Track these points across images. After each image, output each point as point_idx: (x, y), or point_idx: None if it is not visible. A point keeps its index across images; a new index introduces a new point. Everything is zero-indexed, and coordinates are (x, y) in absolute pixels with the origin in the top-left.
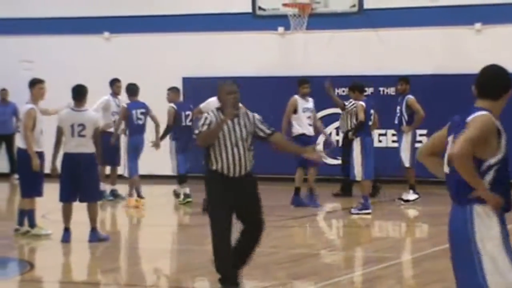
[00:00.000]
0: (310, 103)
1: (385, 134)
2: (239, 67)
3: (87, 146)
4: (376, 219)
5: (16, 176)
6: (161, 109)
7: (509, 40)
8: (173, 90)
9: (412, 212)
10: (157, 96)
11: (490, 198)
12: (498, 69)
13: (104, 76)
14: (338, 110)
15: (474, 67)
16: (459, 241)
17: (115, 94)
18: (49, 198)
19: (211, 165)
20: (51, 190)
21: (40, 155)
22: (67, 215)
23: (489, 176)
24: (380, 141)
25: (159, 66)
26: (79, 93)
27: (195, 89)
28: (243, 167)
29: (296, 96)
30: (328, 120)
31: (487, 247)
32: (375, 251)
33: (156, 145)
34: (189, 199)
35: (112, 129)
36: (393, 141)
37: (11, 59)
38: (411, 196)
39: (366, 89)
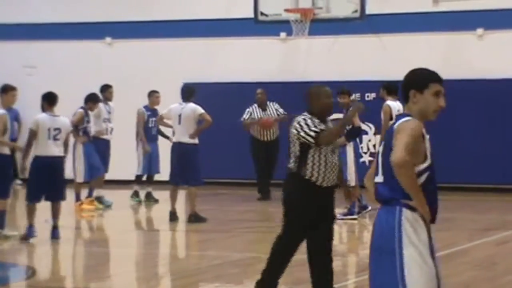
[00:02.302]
0: None
1: None
2: (241, 72)
3: (60, 149)
4: None
5: (19, 181)
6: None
7: (511, 45)
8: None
9: None
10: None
11: (425, 212)
12: (412, 70)
13: (106, 82)
14: (339, 116)
15: (476, 73)
16: (384, 243)
17: (106, 100)
18: (49, 204)
19: (304, 173)
20: None
21: (7, 157)
22: (31, 213)
23: (419, 183)
24: None
25: (161, 71)
26: (53, 99)
27: (197, 94)
28: (335, 175)
29: None
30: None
31: (412, 252)
32: None
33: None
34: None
35: (105, 136)
36: None
37: (13, 64)
38: None
39: (369, 94)
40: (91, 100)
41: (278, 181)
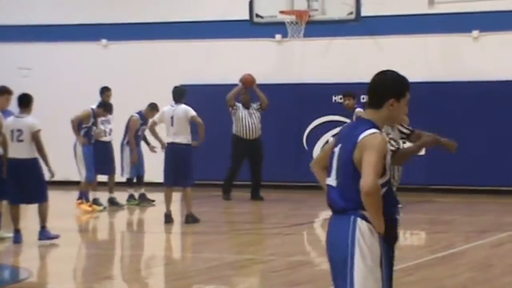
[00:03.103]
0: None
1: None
2: (237, 74)
3: (26, 151)
4: None
5: None
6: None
7: (506, 47)
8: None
9: (410, 219)
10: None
11: (382, 231)
12: (389, 77)
13: (101, 83)
14: (334, 118)
15: (471, 75)
16: (336, 254)
17: (104, 102)
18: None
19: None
20: (49, 198)
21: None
22: (15, 217)
23: None
24: None
25: (157, 73)
26: (21, 101)
27: (192, 96)
28: None
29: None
30: (324, 128)
31: (364, 263)
32: None
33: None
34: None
35: (106, 138)
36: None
37: (8, 66)
38: None
39: (364, 96)
40: (104, 108)
41: (270, 183)
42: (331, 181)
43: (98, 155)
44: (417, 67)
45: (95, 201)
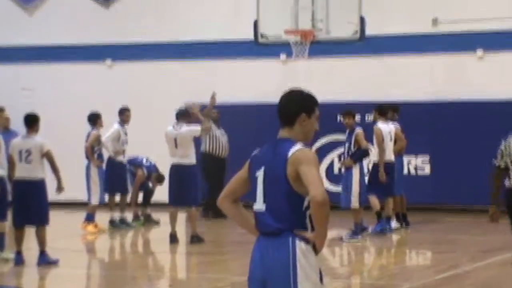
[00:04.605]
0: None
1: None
2: (242, 94)
3: (34, 172)
4: (379, 246)
5: None
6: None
7: (510, 67)
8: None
9: (415, 239)
10: (158, 123)
11: (322, 246)
12: (297, 94)
13: (106, 104)
14: (339, 137)
15: (476, 94)
16: (277, 277)
17: (124, 122)
18: (52, 226)
19: None
20: (54, 218)
21: (2, 179)
22: (19, 238)
23: (309, 211)
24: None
25: (162, 93)
26: (28, 121)
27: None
28: None
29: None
30: (328, 147)
31: (310, 281)
32: (378, 279)
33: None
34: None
35: (122, 158)
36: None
37: (11, 87)
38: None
39: (369, 115)
40: (96, 121)
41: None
42: (258, 206)
43: (113, 175)
44: (422, 86)
45: (122, 221)
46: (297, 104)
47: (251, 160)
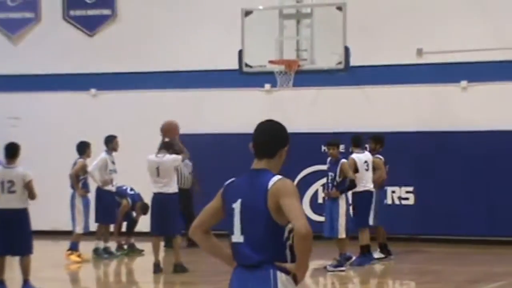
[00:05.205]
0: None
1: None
2: (226, 124)
3: (18, 202)
4: (364, 277)
5: None
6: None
7: (495, 97)
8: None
9: (398, 269)
10: (143, 153)
11: (303, 277)
12: (277, 127)
13: (90, 133)
14: (323, 167)
15: (460, 124)
16: None
17: (113, 150)
18: (36, 255)
19: None
20: (38, 247)
21: None
22: (0, 267)
23: (289, 242)
24: None
25: (146, 122)
26: (10, 151)
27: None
28: None
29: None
30: (313, 177)
31: None
32: None
33: None
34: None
35: (109, 187)
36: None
37: None
38: (377, 254)
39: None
40: (85, 150)
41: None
42: (236, 238)
43: (101, 205)
44: (406, 117)
45: (105, 250)
46: (281, 137)
47: (224, 190)
